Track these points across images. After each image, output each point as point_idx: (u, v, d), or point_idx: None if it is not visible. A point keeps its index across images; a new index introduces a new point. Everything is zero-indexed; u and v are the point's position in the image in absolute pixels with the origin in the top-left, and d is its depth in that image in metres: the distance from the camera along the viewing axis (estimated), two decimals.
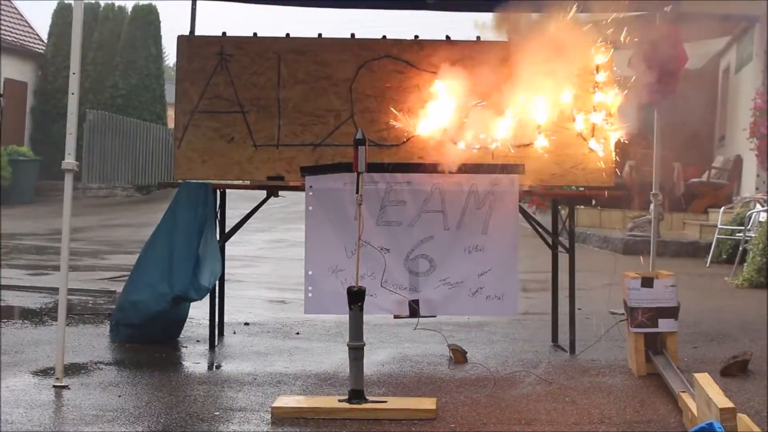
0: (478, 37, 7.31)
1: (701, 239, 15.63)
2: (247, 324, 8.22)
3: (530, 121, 7.13)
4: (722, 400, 4.74)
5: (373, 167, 6.47)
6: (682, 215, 17.96)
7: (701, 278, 12.47)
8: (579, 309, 7.59)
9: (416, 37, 7.40)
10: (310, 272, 6.67)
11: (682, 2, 8.41)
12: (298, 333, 7.92)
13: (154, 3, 29.77)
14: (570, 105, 7.26)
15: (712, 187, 18.27)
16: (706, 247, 14.64)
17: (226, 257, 7.42)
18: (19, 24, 30.64)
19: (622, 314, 6.91)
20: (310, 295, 6.68)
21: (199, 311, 7.74)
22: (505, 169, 6.83)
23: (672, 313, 6.62)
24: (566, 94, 7.24)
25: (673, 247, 15.13)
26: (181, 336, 7.49)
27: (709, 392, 4.89)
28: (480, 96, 7.20)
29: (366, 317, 5.66)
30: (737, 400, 5.40)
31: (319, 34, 7.44)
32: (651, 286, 6.61)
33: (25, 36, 30.46)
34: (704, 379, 5.12)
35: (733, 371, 6.46)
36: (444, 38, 7.37)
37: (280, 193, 7.27)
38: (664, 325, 6.59)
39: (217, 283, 7.24)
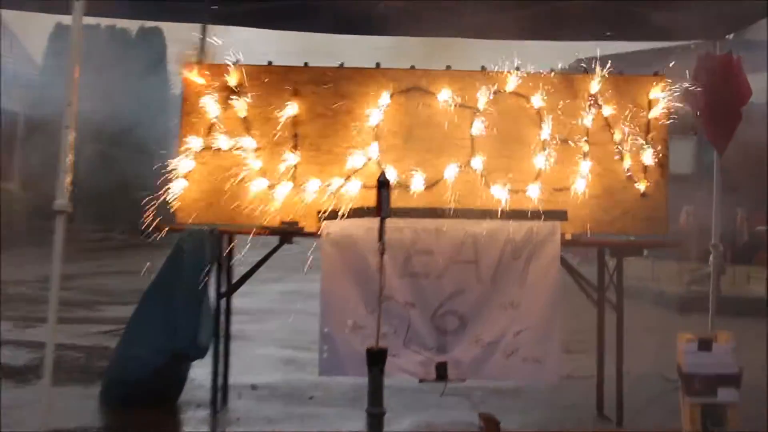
0: (517, 68, 7.32)
1: None
2: (254, 387, 8.20)
3: (574, 162, 7.17)
4: None
5: (398, 212, 6.49)
6: (747, 268, 17.81)
7: None
8: (627, 373, 7.52)
9: (448, 67, 7.42)
10: (325, 329, 6.67)
11: (748, 29, 8.41)
12: (311, 397, 7.90)
13: (160, 26, 30.07)
14: (619, 145, 7.29)
15: None
16: None
17: (232, 310, 7.41)
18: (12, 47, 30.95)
19: (677, 380, 6.84)
20: (325, 355, 6.67)
21: (200, 371, 7.72)
22: (546, 215, 6.84)
23: (733, 380, 6.54)
24: (616, 133, 7.28)
25: (735, 305, 14.91)
26: (180, 399, 7.47)
27: None
28: (518, 133, 7.26)
29: (387, 381, 5.63)
30: None
31: (341, 64, 7.47)
32: (709, 350, 6.55)
33: (18, 60, 30.74)
34: None
35: None
36: (479, 69, 7.38)
37: (295, 239, 7.27)
38: (724, 394, 6.51)
39: (221, 340, 7.23)
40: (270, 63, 7.46)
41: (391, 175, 6.43)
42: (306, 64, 7.45)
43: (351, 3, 7.73)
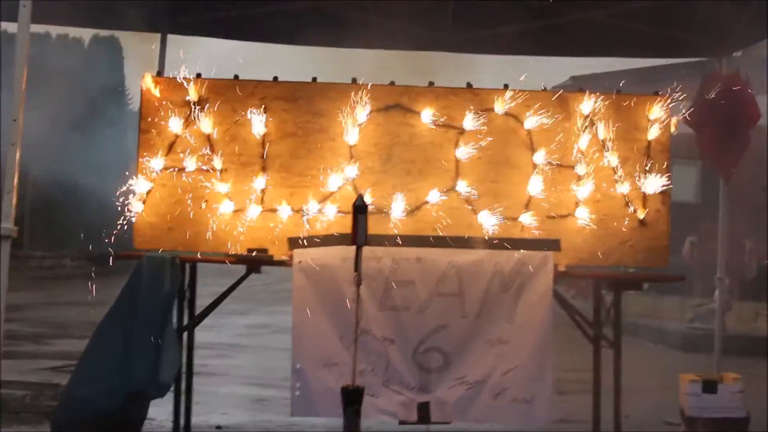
0: (506, 85, 7.33)
1: None
2: (219, 428, 8.17)
3: (568, 188, 7.17)
4: None
5: (376, 240, 6.48)
6: (754, 305, 17.83)
7: None
8: (626, 416, 7.53)
9: (431, 83, 7.42)
10: (297, 365, 6.65)
11: (758, 44, 8.42)
12: None
13: (116, 35, 30.00)
14: (617, 169, 7.29)
15: None
16: None
17: (195, 345, 7.38)
18: None
19: (679, 425, 6.87)
20: (297, 393, 6.65)
21: (160, 410, 7.69)
22: (538, 245, 6.84)
23: (740, 425, 6.57)
24: (613, 157, 7.27)
25: (743, 344, 14.95)
26: None
27: None
28: (507, 156, 7.26)
29: (365, 422, 5.63)
30: None
31: (314, 78, 7.46)
32: (714, 392, 6.58)
33: None
34: None
35: None
36: (465, 86, 7.39)
37: (263, 268, 7.24)
38: None
39: (183, 376, 7.20)
40: (236, 76, 7.42)
41: (369, 199, 6.41)
42: (276, 78, 7.43)
43: (327, 12, 7.75)
